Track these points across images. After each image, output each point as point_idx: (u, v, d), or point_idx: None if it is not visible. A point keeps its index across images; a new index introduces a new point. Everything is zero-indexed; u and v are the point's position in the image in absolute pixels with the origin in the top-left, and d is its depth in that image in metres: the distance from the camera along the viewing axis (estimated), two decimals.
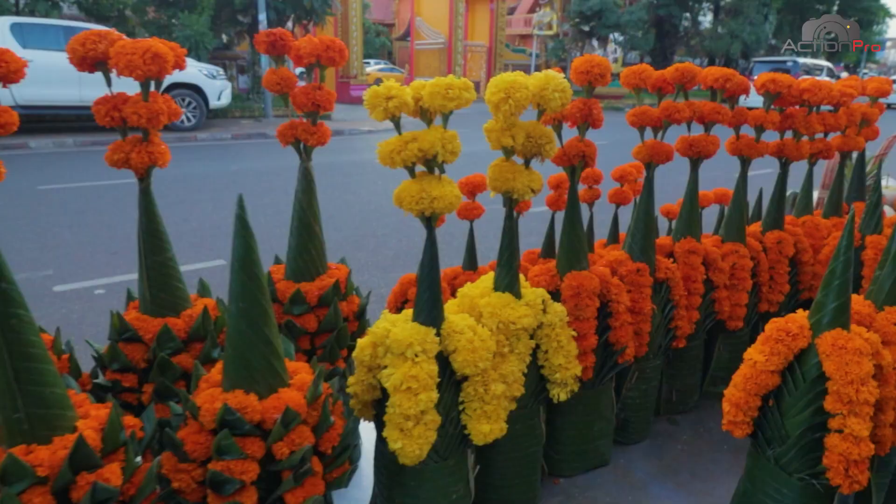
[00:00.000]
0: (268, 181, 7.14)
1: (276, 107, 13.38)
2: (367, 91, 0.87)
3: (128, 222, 4.94)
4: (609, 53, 25.44)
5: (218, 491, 0.77)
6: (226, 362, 0.83)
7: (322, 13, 19.00)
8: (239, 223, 0.78)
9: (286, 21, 21.20)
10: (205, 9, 15.45)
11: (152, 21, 16.26)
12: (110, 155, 0.94)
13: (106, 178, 5.73)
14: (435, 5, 26.16)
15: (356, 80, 25.06)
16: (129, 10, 16.16)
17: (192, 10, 15.44)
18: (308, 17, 19.44)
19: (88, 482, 0.69)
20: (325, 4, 19.06)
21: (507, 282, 1.05)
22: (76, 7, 13.80)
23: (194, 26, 14.64)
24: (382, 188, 5.87)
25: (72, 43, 0.89)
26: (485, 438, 0.95)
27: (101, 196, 5.10)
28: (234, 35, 21.67)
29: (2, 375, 0.67)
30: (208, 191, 8.60)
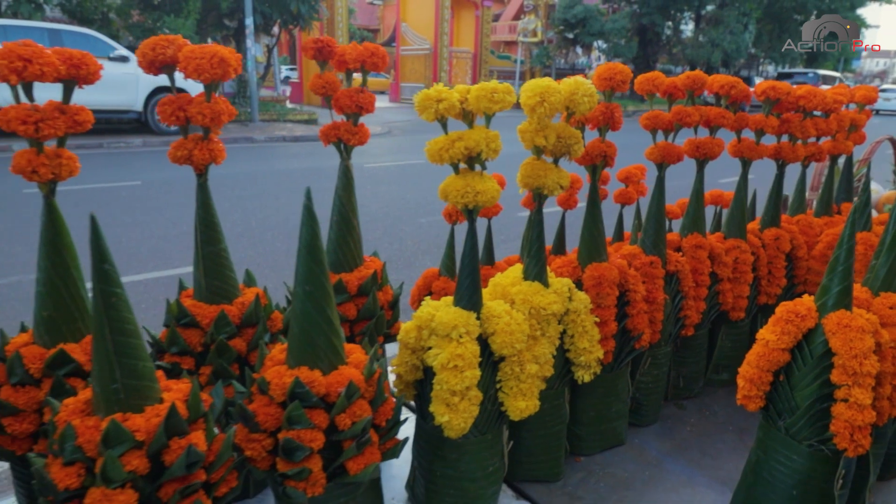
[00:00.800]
0: (256, 185, 7.16)
1: (262, 111, 13.35)
2: (418, 94, 0.95)
3: (118, 226, 4.96)
4: (592, 60, 25.74)
5: (289, 457, 0.85)
6: (291, 341, 0.90)
7: (309, 18, 19.00)
8: (306, 213, 0.86)
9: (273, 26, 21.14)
10: (190, 12, 15.38)
11: (137, 24, 16.13)
12: (173, 152, 1.00)
13: (91, 181, 5.73)
14: (420, 12, 26.25)
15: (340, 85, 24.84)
16: (112, 13, 16.03)
17: (177, 13, 15.36)
18: (295, 22, 19.41)
19: (181, 446, 0.76)
20: (312, 10, 19.06)
21: (535, 271, 1.13)
22: (59, 9, 13.67)
23: (180, 30, 14.54)
24: (372, 192, 5.93)
25: (142, 47, 0.96)
26: (521, 414, 1.03)
27: (88, 199, 5.10)
28: (220, 39, 21.57)
29: (102, 349, 0.74)
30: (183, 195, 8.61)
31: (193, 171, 1.04)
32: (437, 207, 7.28)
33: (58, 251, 0.92)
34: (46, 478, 0.72)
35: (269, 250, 5.63)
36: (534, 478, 1.20)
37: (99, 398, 0.76)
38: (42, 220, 0.92)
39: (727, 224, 1.56)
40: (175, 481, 0.76)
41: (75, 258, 0.95)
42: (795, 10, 23.26)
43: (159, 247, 6.23)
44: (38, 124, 0.85)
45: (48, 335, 0.94)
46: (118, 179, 6.67)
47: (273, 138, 9.43)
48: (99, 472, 0.71)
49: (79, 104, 0.89)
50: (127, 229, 6.06)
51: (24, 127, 0.85)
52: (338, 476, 0.89)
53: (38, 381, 0.92)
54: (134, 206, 7.33)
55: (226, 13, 17.62)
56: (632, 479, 1.22)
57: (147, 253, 6.00)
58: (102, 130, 8.72)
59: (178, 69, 0.97)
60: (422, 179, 9.38)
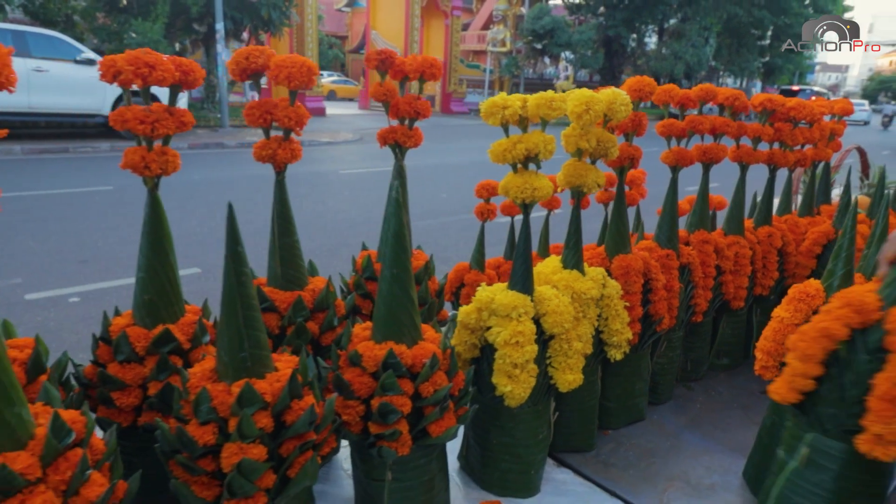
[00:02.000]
0: (232, 191, 7.15)
1: (232, 117, 13.22)
2: (484, 102, 1.08)
3: (95, 230, 4.94)
4: (560, 71, 26.25)
5: (383, 420, 0.96)
6: (377, 319, 1.01)
7: (280, 24, 18.89)
8: (394, 205, 0.98)
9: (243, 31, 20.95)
10: (158, 16, 15.16)
11: (102, 27, 15.81)
12: (259, 151, 1.11)
13: (62, 186, 5.67)
14: (390, 20, 26.33)
15: (312, 91, 24.86)
16: (77, 16, 15.67)
17: (145, 17, 15.12)
18: (266, 28, 19.28)
19: (301, 407, 0.86)
20: (283, 16, 18.97)
21: (574, 261, 1.27)
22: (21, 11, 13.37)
23: (148, 34, 14.33)
24: (351, 198, 6.01)
25: (236, 56, 1.06)
26: (569, 386, 1.16)
27: (60, 204, 5.06)
28: (189, 43, 21.26)
29: (233, 322, 0.84)
30: (174, 200, 8.53)
31: (274, 170, 1.14)
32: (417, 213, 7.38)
33: (159, 239, 1.02)
34: (187, 435, 0.82)
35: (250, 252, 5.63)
36: (571, 448, 1.33)
37: (227, 367, 0.86)
38: (146, 211, 1.01)
39: (727, 222, 1.72)
40: (294, 439, 0.87)
41: (172, 246, 1.04)
42: (753, 26, 24.24)
43: None
44: (154, 124, 0.95)
45: (149, 317, 1.03)
46: (89, 184, 6.56)
47: (244, 144, 9.41)
48: (235, 429, 0.81)
49: (43, 107, 0.98)
50: (105, 234, 6.00)
51: (142, 126, 0.94)
52: (420, 438, 1.01)
53: (141, 358, 1.01)
54: (109, 210, 7.24)
55: (195, 17, 17.40)
56: (656, 449, 1.36)
57: (127, 258, 5.95)
58: (68, 135, 8.56)
59: (269, 76, 1.07)
60: None
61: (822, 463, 0.99)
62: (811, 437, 1.01)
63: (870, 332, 0.93)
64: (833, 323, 0.95)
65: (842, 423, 0.96)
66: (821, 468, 0.99)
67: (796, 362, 0.99)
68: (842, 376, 0.96)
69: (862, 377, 0.92)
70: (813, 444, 1.01)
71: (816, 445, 1.00)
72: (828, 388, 0.97)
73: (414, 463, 1.03)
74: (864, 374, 0.92)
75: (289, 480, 0.87)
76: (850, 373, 0.94)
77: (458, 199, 8.06)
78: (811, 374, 0.98)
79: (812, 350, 0.97)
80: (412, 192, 1.44)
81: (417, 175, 7.92)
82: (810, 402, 1.00)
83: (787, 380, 1.01)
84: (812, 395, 0.99)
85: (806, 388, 0.98)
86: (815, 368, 0.97)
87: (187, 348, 1.03)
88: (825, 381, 0.98)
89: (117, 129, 0.98)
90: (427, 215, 5.72)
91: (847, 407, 0.95)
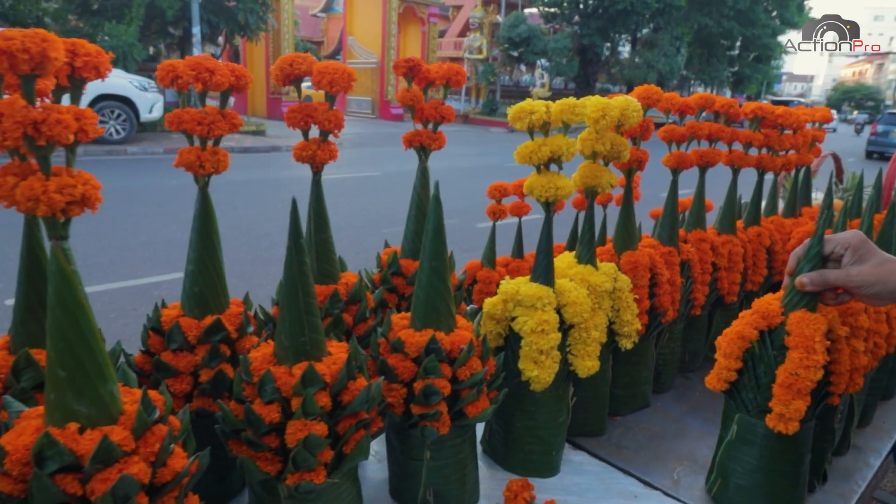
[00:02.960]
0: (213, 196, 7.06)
1: None
2: (512, 107, 1.16)
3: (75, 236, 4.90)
4: (536, 78, 26.56)
5: (426, 401, 1.03)
6: (416, 308, 1.08)
7: (256, 28, 18.71)
8: (434, 202, 1.05)
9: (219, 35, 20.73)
10: (133, 19, 14.94)
11: (74, 29, 15.55)
12: (299, 152, 1.17)
13: None
14: (367, 26, 26.30)
15: (287, 96, 24.75)
16: (48, 18, 15.40)
17: (119, 19, 14.90)
18: (242, 33, 19.07)
19: (357, 388, 0.93)
20: (260, 20, 18.78)
21: (588, 256, 1.36)
22: None
23: (122, 36, 14.13)
24: (332, 204, 6.05)
25: (280, 63, 1.13)
26: (587, 372, 1.25)
27: None
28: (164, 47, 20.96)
29: (295, 308, 0.91)
30: (153, 205, 8.44)
31: (311, 169, 1.21)
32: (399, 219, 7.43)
33: (209, 235, 1.08)
34: (254, 414, 0.88)
35: (233, 259, 5.63)
36: (584, 432, 1.42)
37: (287, 350, 0.92)
38: (197, 207, 1.07)
39: (720, 222, 1.83)
40: (350, 417, 0.93)
41: (219, 241, 1.10)
42: (722, 37, 24.95)
43: (121, 257, 6.13)
44: (210, 126, 1.01)
45: (198, 308, 1.09)
46: None
47: None
48: (299, 407, 0.88)
49: None
50: (84, 239, 5.95)
51: (200, 128, 1.00)
52: (457, 419, 1.08)
53: (193, 347, 1.07)
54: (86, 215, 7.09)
55: (170, 21, 17.21)
56: (663, 432, 1.45)
57: (108, 263, 5.91)
58: None
59: (312, 81, 1.14)
60: (378, 192, 9.52)
61: (748, 437, 1.18)
62: (738, 417, 1.19)
63: (775, 333, 1.13)
64: (745, 327, 1.15)
65: (759, 405, 1.15)
66: (747, 441, 1.18)
67: (721, 358, 1.19)
68: (756, 368, 1.15)
69: (770, 369, 1.12)
70: (739, 422, 1.19)
71: (742, 423, 1.19)
72: (747, 377, 1.17)
73: (450, 442, 1.11)
74: (771, 366, 1.12)
75: (344, 456, 0.94)
76: (762, 365, 1.14)
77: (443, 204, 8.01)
78: (733, 368, 1.17)
79: (731, 349, 1.16)
80: (398, 199, 1.50)
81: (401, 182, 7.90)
82: (735, 389, 1.20)
83: (716, 373, 1.20)
84: (736, 383, 1.19)
85: (730, 379, 1.18)
86: (735, 363, 1.17)
87: (235, 337, 1.09)
88: (744, 373, 1.17)
89: (173, 130, 1.04)
90: (393, 223, 5.77)
91: (761, 392, 1.14)
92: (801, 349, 1.04)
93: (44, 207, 0.65)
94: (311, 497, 0.92)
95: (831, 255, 1.07)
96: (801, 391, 1.04)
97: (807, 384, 1.04)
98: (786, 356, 1.07)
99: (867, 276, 0.98)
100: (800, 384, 1.04)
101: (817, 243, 1.08)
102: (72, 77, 0.70)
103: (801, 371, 1.04)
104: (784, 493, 1.16)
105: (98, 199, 0.71)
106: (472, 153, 15.75)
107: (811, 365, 1.03)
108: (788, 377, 1.05)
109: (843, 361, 1.11)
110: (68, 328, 0.71)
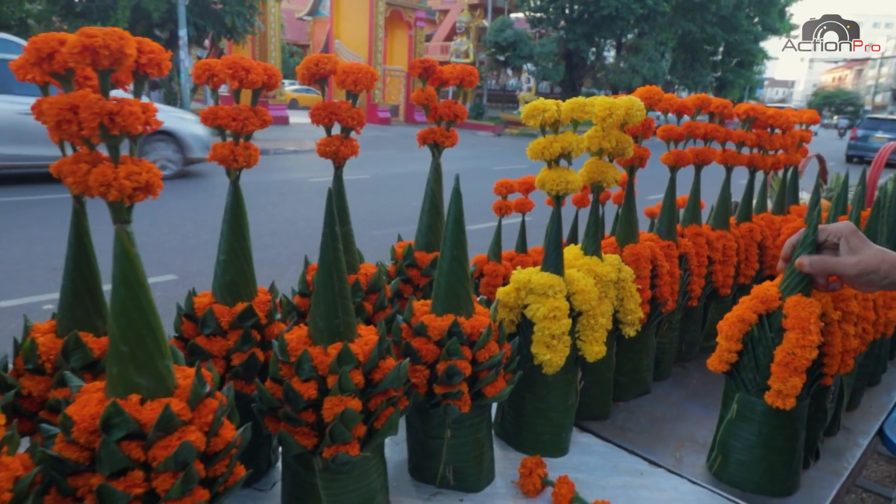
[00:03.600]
0: (199, 197, 7.06)
1: None
2: (526, 106, 1.23)
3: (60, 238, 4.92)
4: (523, 82, 26.72)
5: (449, 381, 1.09)
6: (437, 294, 1.15)
7: (244, 31, 18.62)
8: (455, 194, 1.12)
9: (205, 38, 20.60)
10: (118, 21, 14.89)
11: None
12: (322, 148, 1.23)
13: (17, 194, 5.57)
14: (354, 29, 26.30)
15: (275, 100, 24.63)
16: (31, 19, 15.26)
17: (104, 21, 14.85)
18: (229, 36, 19.00)
19: (388, 366, 0.99)
20: (247, 23, 18.71)
21: (593, 249, 1.43)
22: None
23: None
24: (320, 207, 6.08)
25: (306, 62, 1.19)
26: (596, 356, 1.32)
27: (20, 212, 5.00)
28: None
29: (330, 292, 0.97)
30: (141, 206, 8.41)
31: (334, 164, 1.27)
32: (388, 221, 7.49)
33: (240, 226, 1.13)
34: (293, 391, 0.94)
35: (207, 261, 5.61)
36: (590, 416, 1.48)
37: (322, 332, 0.98)
38: (228, 200, 1.12)
39: (714, 218, 1.92)
40: (381, 395, 0.99)
41: (249, 233, 1.16)
42: (706, 42, 25.33)
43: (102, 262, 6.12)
44: (244, 122, 1.07)
45: (229, 296, 1.14)
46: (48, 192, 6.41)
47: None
48: (336, 384, 0.94)
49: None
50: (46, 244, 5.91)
51: (235, 123, 1.06)
52: (477, 399, 1.14)
53: (225, 332, 1.12)
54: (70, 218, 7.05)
55: (156, 23, 17.11)
56: (664, 416, 1.53)
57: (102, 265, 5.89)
58: None
59: (336, 81, 1.20)
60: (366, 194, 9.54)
61: (747, 415, 1.26)
62: (738, 396, 1.27)
63: (772, 316, 1.21)
64: (746, 311, 1.23)
65: (758, 384, 1.23)
66: (746, 418, 1.26)
67: (723, 341, 1.27)
68: (755, 349, 1.23)
69: (768, 350, 1.20)
70: (739, 401, 1.27)
71: (742, 402, 1.27)
72: (747, 358, 1.25)
73: (469, 422, 1.17)
74: (769, 347, 1.20)
75: (375, 431, 1.00)
76: (761, 346, 1.22)
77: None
78: (734, 350, 1.25)
79: (732, 332, 1.24)
80: (387, 202, 1.55)
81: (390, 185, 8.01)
82: (735, 370, 1.28)
83: (718, 355, 1.28)
84: (736, 364, 1.27)
85: (731, 360, 1.26)
86: (735, 345, 1.25)
87: (264, 323, 1.15)
88: (744, 354, 1.25)
89: (207, 126, 1.09)
90: (401, 222, 5.82)
91: (760, 372, 1.22)
92: (797, 330, 1.12)
93: (114, 192, 0.71)
94: (345, 469, 0.98)
95: (825, 242, 1.15)
96: (797, 369, 1.12)
97: (803, 362, 1.12)
98: (783, 337, 1.15)
99: (867, 264, 1.05)
100: (796, 362, 1.12)
101: (812, 232, 1.16)
102: (136, 73, 0.75)
103: (797, 350, 1.12)
104: (781, 468, 1.23)
105: (159, 186, 0.76)
106: (459, 156, 15.85)
107: (807, 344, 1.11)
108: (786, 356, 1.12)
109: (836, 344, 1.20)
110: (131, 306, 0.77)
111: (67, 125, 0.69)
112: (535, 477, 1.20)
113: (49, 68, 0.71)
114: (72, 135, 0.70)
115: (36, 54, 0.70)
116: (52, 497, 0.76)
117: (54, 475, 0.76)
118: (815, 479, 1.32)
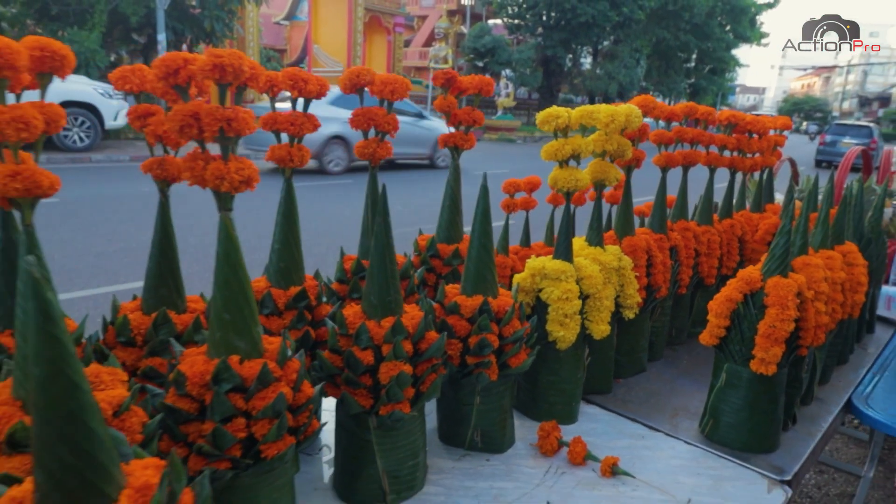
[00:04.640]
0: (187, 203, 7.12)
1: None
2: (540, 112, 1.40)
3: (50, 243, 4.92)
4: (501, 88, 27.05)
5: (480, 352, 1.25)
6: (467, 278, 1.31)
7: (223, 36, 18.57)
8: (483, 190, 1.28)
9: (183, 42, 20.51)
10: (96, 25, 14.75)
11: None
12: (360, 150, 1.39)
13: None
14: (332, 34, 26.31)
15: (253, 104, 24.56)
16: (5, 23, 15.07)
17: (81, 25, 14.69)
18: (208, 40, 18.93)
19: (432, 337, 1.15)
20: (226, 28, 18.65)
21: (596, 240, 1.61)
22: None
23: (84, 42, 13.92)
24: (308, 211, 6.18)
25: (347, 73, 1.34)
26: (602, 334, 1.49)
27: None
28: (128, 54, 20.57)
29: (383, 272, 1.12)
30: (125, 212, 8.42)
31: (370, 165, 1.42)
32: None
33: (292, 218, 1.28)
34: (354, 357, 1.09)
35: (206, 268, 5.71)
36: (594, 391, 1.66)
37: (376, 308, 1.13)
38: (282, 195, 1.27)
39: (700, 215, 2.11)
40: (426, 362, 1.15)
41: (299, 225, 1.30)
42: (679, 49, 25.97)
43: (100, 264, 6.18)
44: (300, 126, 1.22)
45: (283, 281, 1.29)
46: None
47: None
48: (391, 351, 1.09)
49: None
50: (60, 246, 6.00)
51: (293, 128, 1.21)
52: (503, 369, 1.31)
53: (281, 312, 1.27)
54: (59, 223, 7.08)
55: (134, 27, 16.98)
56: (660, 390, 1.71)
57: (87, 269, 5.95)
58: None
59: (373, 91, 1.36)
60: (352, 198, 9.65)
61: (734, 382, 1.45)
62: (727, 366, 1.46)
63: (756, 295, 1.41)
64: (732, 291, 1.43)
65: (743, 355, 1.41)
66: (734, 385, 1.45)
67: (713, 318, 1.46)
68: (741, 325, 1.41)
69: (752, 324, 1.39)
70: (727, 370, 1.46)
71: (730, 371, 1.45)
72: (734, 333, 1.43)
73: (496, 390, 1.33)
74: (753, 322, 1.39)
75: (421, 394, 1.16)
76: (746, 322, 1.41)
77: (413, 211, 8.28)
78: (722, 325, 1.44)
79: (721, 310, 1.44)
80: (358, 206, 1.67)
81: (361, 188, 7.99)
82: (724, 343, 1.46)
83: (709, 330, 1.47)
84: (725, 339, 1.46)
85: (720, 335, 1.45)
86: (724, 321, 1.44)
87: (314, 305, 1.30)
88: (731, 329, 1.44)
89: (266, 130, 1.24)
90: (399, 223, 5.96)
91: (745, 345, 1.41)
92: (777, 306, 1.31)
93: (227, 184, 0.86)
94: (398, 425, 1.14)
95: None
96: (777, 340, 1.31)
97: (782, 334, 1.30)
98: (765, 313, 1.33)
99: None
100: (776, 334, 1.30)
101: (788, 223, 1.34)
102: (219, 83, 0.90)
103: (777, 323, 1.30)
104: (764, 429, 1.42)
105: (257, 180, 0.91)
106: None
107: (785, 318, 1.29)
108: (768, 329, 1.31)
109: (810, 318, 1.38)
110: (232, 280, 0.92)
111: (189, 129, 0.84)
112: (552, 438, 1.36)
113: (174, 81, 0.85)
114: (192, 137, 0.85)
115: (164, 70, 0.84)
116: (165, 443, 0.91)
117: (169, 423, 0.90)
118: (793, 439, 1.50)
